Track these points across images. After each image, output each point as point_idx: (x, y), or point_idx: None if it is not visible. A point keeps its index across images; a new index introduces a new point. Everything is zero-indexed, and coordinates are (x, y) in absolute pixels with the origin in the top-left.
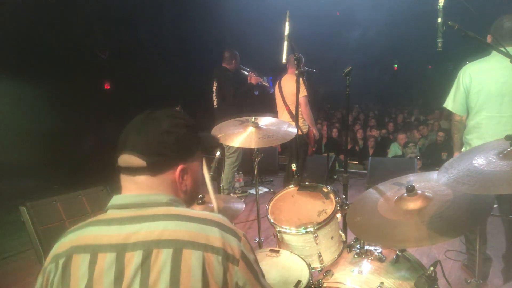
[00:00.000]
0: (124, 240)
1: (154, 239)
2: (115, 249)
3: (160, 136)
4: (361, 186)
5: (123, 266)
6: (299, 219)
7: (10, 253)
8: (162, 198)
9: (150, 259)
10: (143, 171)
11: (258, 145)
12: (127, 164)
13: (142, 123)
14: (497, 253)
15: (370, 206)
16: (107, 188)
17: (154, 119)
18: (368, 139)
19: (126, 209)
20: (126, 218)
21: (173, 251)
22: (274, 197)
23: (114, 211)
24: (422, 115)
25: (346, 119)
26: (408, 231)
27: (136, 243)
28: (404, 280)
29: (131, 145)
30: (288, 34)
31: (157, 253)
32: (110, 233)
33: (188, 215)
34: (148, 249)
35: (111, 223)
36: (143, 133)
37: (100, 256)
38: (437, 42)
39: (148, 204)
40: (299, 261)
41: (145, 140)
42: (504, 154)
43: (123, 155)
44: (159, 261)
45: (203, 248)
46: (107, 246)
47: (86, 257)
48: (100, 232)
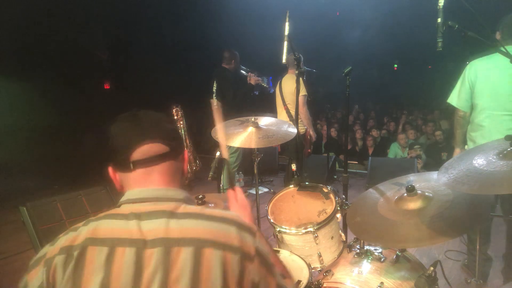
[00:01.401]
0: (144, 236)
1: (175, 237)
2: (135, 244)
3: (169, 124)
4: (361, 186)
5: (142, 263)
6: (299, 219)
7: (10, 253)
8: (179, 194)
9: (170, 257)
10: (167, 156)
11: (258, 145)
12: (148, 155)
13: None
14: (497, 253)
15: (370, 206)
16: (107, 188)
17: (148, 113)
18: (368, 139)
19: (144, 203)
20: (144, 213)
21: (194, 249)
22: (274, 197)
23: (129, 206)
24: (422, 115)
25: (346, 119)
26: (408, 231)
27: (155, 240)
28: (404, 280)
29: (150, 134)
30: (288, 34)
31: (178, 251)
32: (129, 228)
33: (207, 214)
34: (168, 247)
35: (129, 218)
36: (158, 120)
37: (118, 251)
38: (437, 42)
39: (165, 198)
40: (299, 261)
41: (162, 127)
42: (504, 154)
43: (142, 146)
44: (180, 259)
45: (222, 248)
46: (126, 240)
47: (103, 250)
48: (118, 226)
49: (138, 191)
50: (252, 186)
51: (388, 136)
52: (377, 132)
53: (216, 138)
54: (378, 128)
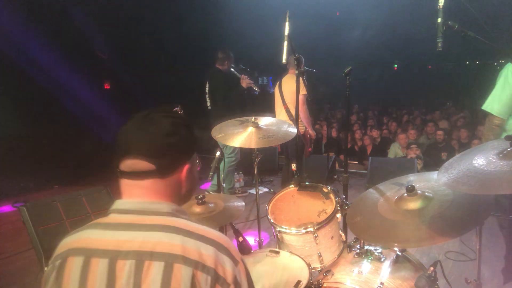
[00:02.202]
0: (117, 247)
1: (147, 250)
2: (108, 255)
3: (165, 138)
4: (361, 186)
5: (114, 274)
6: (299, 219)
7: (10, 253)
8: (164, 208)
9: (142, 270)
10: (152, 174)
11: (258, 145)
12: (133, 169)
13: (142, 125)
14: (497, 253)
15: (370, 206)
16: (107, 188)
17: (154, 120)
18: (368, 139)
19: (126, 214)
20: (123, 225)
21: (164, 264)
22: (274, 197)
23: (115, 215)
24: (422, 115)
25: (346, 119)
26: (408, 231)
27: (129, 252)
28: (404, 280)
29: (136, 149)
30: (288, 34)
31: (149, 265)
32: (105, 238)
33: (186, 229)
34: (140, 260)
35: (107, 228)
36: (147, 135)
37: (93, 261)
38: (437, 42)
39: (149, 212)
40: (299, 261)
41: (152, 142)
42: (504, 154)
43: (128, 160)
44: (150, 273)
45: (194, 265)
46: (101, 251)
47: (79, 260)
48: (95, 236)
49: (124, 202)
50: (252, 186)
51: (388, 136)
52: (377, 132)
53: (216, 138)
54: (378, 128)
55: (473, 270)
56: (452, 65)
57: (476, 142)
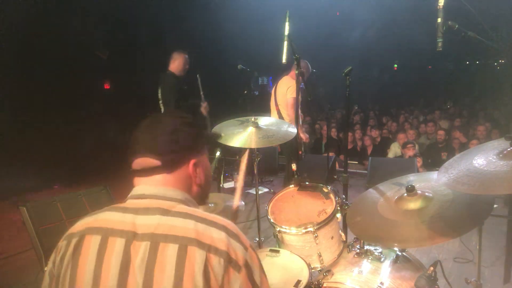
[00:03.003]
0: (135, 229)
1: (162, 233)
2: (125, 235)
3: (170, 135)
4: (361, 186)
5: (129, 254)
6: (299, 219)
7: (10, 253)
8: (178, 195)
9: (156, 252)
10: (159, 170)
11: (258, 145)
12: (142, 166)
13: (149, 126)
14: (497, 253)
15: (370, 206)
16: (107, 188)
17: (161, 121)
18: (368, 139)
19: (144, 199)
20: (141, 209)
21: (178, 246)
22: (274, 197)
23: (132, 201)
24: (422, 115)
25: (346, 119)
26: (408, 231)
27: (144, 234)
28: (404, 280)
29: (143, 148)
30: (288, 34)
31: (164, 247)
32: (123, 220)
33: (199, 216)
34: (155, 242)
35: (127, 211)
36: (153, 135)
37: (110, 240)
38: (437, 42)
39: (164, 197)
40: (299, 261)
41: (157, 140)
42: (504, 154)
43: (137, 159)
44: (165, 254)
45: (207, 248)
46: (118, 231)
47: (97, 238)
48: (114, 217)
49: (141, 188)
50: (252, 186)
51: (388, 136)
52: (377, 132)
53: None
54: (378, 128)
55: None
56: (452, 65)
57: (475, 142)
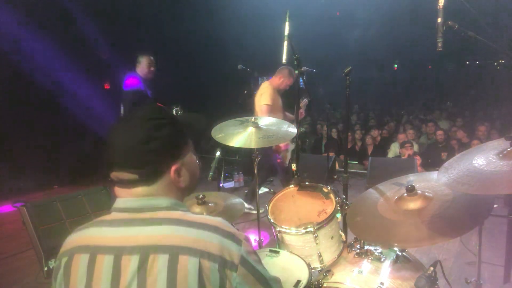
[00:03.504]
0: (122, 243)
1: (152, 244)
2: (114, 251)
3: (144, 146)
4: (361, 186)
5: (120, 269)
6: (299, 219)
7: (10, 253)
8: (162, 203)
9: (147, 264)
10: (137, 183)
11: (258, 145)
12: (119, 179)
13: (122, 134)
14: (497, 253)
15: (370, 206)
16: (107, 188)
17: (133, 127)
18: (368, 139)
19: (126, 212)
20: (127, 220)
21: (169, 257)
22: (274, 197)
23: (116, 213)
24: (422, 115)
25: (346, 119)
26: (408, 231)
27: (134, 247)
28: (404, 280)
29: (118, 162)
30: (288, 34)
31: (154, 259)
32: (110, 235)
33: (187, 220)
34: (145, 254)
35: (111, 225)
36: (125, 146)
37: (98, 257)
38: (437, 42)
39: (147, 208)
40: (299, 261)
41: (130, 153)
42: (504, 154)
43: (112, 172)
44: (155, 266)
45: (199, 255)
46: (106, 247)
47: (85, 257)
48: (101, 233)
49: (123, 201)
50: None
51: (388, 136)
52: (377, 132)
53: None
54: (378, 128)
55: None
56: (452, 65)
57: (476, 142)
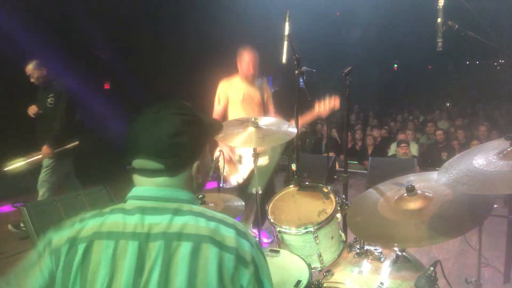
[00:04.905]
0: (146, 230)
1: (175, 232)
2: (138, 238)
3: (173, 138)
4: (361, 186)
5: (144, 256)
6: (299, 219)
7: (10, 253)
8: (184, 195)
9: (170, 251)
10: (161, 172)
11: (258, 145)
12: (143, 167)
13: (149, 124)
14: (497, 253)
15: (370, 206)
16: (107, 188)
17: (161, 119)
18: (368, 139)
19: (147, 201)
20: (148, 208)
21: (192, 245)
22: (274, 197)
23: (135, 202)
24: (422, 115)
25: (346, 119)
26: (408, 231)
27: (157, 234)
28: (404, 280)
29: (144, 149)
30: (288, 34)
31: (177, 246)
32: (133, 222)
33: (208, 214)
34: (169, 241)
35: (134, 212)
36: (155, 136)
37: (122, 244)
38: (437, 42)
39: (171, 199)
40: (299, 261)
41: (159, 143)
42: (504, 154)
43: (137, 160)
44: (178, 253)
45: (219, 246)
46: (130, 234)
47: (109, 243)
48: (123, 220)
49: (144, 189)
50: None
51: (388, 136)
52: (377, 131)
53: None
54: (378, 128)
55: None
56: (452, 65)
57: (475, 142)
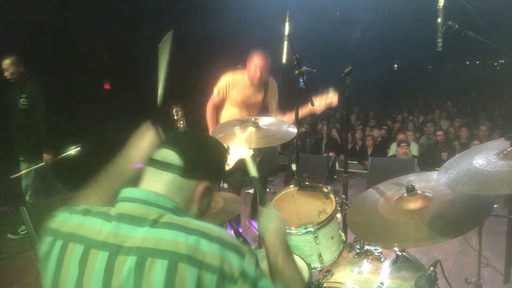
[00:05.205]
0: (118, 242)
1: (150, 247)
2: (109, 248)
3: (202, 148)
4: (361, 186)
5: (113, 269)
6: (299, 219)
7: (10, 253)
8: (168, 203)
9: (144, 268)
10: (175, 169)
11: (258, 145)
12: (162, 158)
13: (189, 134)
14: (497, 253)
15: (370, 206)
16: None
17: (201, 135)
18: (368, 139)
19: (131, 202)
20: (127, 216)
21: (168, 263)
22: (274, 197)
23: (121, 204)
24: (422, 115)
25: (347, 119)
26: (408, 231)
27: (131, 248)
28: (404, 280)
29: (174, 143)
30: (288, 34)
31: (151, 262)
32: (107, 230)
33: (189, 227)
34: (142, 256)
35: (112, 219)
36: (189, 140)
37: (92, 252)
38: (437, 42)
39: (152, 203)
40: (299, 261)
41: (189, 145)
42: (504, 154)
43: (163, 149)
44: (152, 271)
45: (198, 265)
46: (102, 243)
47: (80, 248)
48: (99, 226)
49: (131, 190)
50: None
51: (388, 136)
52: (377, 132)
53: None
54: (378, 128)
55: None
56: (452, 65)
57: (476, 142)
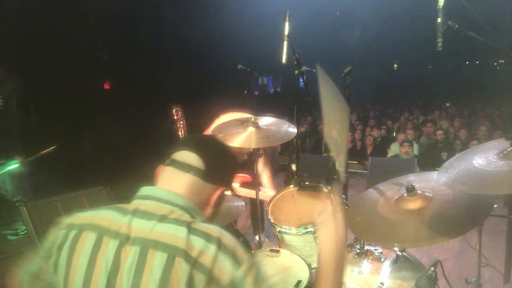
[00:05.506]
0: (129, 232)
1: (153, 239)
2: (119, 238)
3: (223, 155)
4: (361, 186)
5: (120, 257)
6: (299, 219)
7: (10, 253)
8: (180, 201)
9: (145, 258)
10: (197, 172)
11: (258, 145)
12: (183, 160)
13: (209, 139)
14: (497, 253)
15: (370, 206)
16: (107, 188)
17: (219, 141)
18: (368, 139)
19: (147, 200)
20: (140, 211)
21: (167, 256)
22: (274, 197)
23: (137, 201)
24: (422, 115)
25: None
26: (408, 231)
27: (136, 238)
28: (404, 280)
29: (194, 146)
30: (288, 34)
31: (152, 254)
32: (121, 221)
33: (194, 226)
34: (144, 247)
35: (127, 213)
36: (209, 144)
37: (105, 240)
38: (437, 42)
39: (165, 200)
40: (299, 261)
41: (210, 150)
42: (504, 154)
43: (185, 151)
44: (153, 262)
45: (192, 263)
46: (114, 232)
47: (93, 236)
48: (113, 217)
49: (148, 189)
50: None
51: (388, 136)
52: (377, 131)
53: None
54: (378, 128)
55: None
56: (452, 65)
57: (475, 143)
